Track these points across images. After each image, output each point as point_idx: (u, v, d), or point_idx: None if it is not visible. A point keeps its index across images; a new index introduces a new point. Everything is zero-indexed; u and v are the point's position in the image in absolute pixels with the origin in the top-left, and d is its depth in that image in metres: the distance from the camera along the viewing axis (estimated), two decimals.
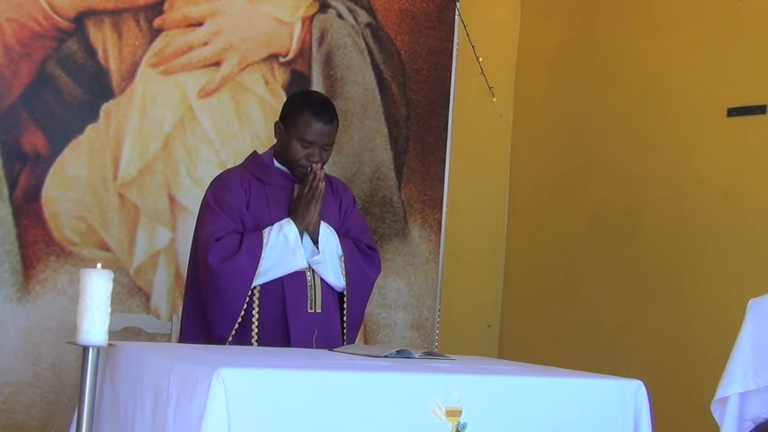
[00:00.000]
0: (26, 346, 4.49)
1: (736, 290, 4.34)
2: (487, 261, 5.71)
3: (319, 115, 3.78)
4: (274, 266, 3.70)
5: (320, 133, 3.78)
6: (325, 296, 3.81)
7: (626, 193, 5.13)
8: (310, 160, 3.78)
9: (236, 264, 3.67)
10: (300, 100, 3.87)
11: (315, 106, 3.80)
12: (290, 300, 3.74)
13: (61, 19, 4.60)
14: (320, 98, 3.93)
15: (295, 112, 3.79)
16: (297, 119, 3.78)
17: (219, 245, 3.69)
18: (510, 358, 4.59)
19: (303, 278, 3.77)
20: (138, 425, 2.92)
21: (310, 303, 3.78)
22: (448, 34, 5.35)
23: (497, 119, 5.56)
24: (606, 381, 3.27)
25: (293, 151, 3.79)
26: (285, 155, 3.82)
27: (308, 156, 3.78)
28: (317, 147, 3.78)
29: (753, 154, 4.64)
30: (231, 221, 3.74)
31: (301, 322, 3.73)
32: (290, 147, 3.79)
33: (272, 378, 2.77)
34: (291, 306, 3.73)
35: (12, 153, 4.50)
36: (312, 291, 3.78)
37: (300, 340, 3.69)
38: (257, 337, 3.72)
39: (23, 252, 4.51)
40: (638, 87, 5.14)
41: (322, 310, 3.79)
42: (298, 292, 3.76)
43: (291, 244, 3.71)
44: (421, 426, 2.89)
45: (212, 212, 3.78)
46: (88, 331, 2.86)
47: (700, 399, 3.61)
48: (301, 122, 3.77)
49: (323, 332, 3.74)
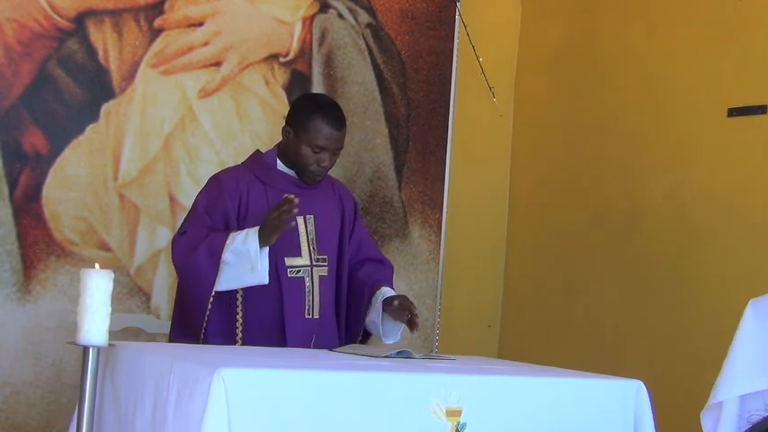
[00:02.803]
0: (26, 346, 4.49)
1: (737, 290, 4.34)
2: (487, 261, 5.71)
3: (331, 121, 3.78)
4: (235, 274, 3.61)
5: (331, 138, 3.78)
6: (323, 302, 3.80)
7: (626, 194, 5.13)
8: (320, 165, 3.78)
9: (196, 259, 3.61)
10: (310, 105, 3.84)
11: (326, 111, 3.79)
12: (288, 305, 3.73)
13: (61, 19, 4.60)
14: (330, 103, 3.92)
15: (305, 118, 3.77)
16: (308, 124, 3.76)
17: (184, 238, 3.66)
18: (510, 358, 4.59)
19: (302, 284, 3.77)
20: (139, 425, 2.92)
21: (308, 309, 3.77)
22: (448, 34, 5.35)
23: (498, 119, 5.56)
24: (607, 381, 3.27)
25: (304, 156, 3.77)
26: (295, 160, 3.80)
27: (319, 161, 3.77)
28: (327, 152, 3.78)
29: (753, 154, 4.64)
30: (210, 223, 3.69)
31: (299, 328, 3.72)
32: (301, 152, 3.77)
33: (272, 378, 2.78)
34: (289, 311, 3.72)
35: (12, 153, 4.50)
36: (310, 296, 3.78)
37: (297, 346, 3.68)
38: (242, 343, 3.70)
39: (24, 252, 4.50)
40: (638, 87, 5.14)
41: (320, 316, 3.79)
42: (296, 297, 3.75)
43: (252, 257, 3.58)
44: (421, 426, 2.90)
45: (195, 214, 3.76)
46: (88, 331, 2.86)
47: (701, 399, 3.60)
48: (312, 128, 3.75)
49: (320, 338, 3.74)
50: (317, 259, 3.82)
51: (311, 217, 3.83)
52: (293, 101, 3.92)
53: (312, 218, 3.83)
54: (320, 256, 3.83)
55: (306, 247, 3.81)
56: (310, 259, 3.80)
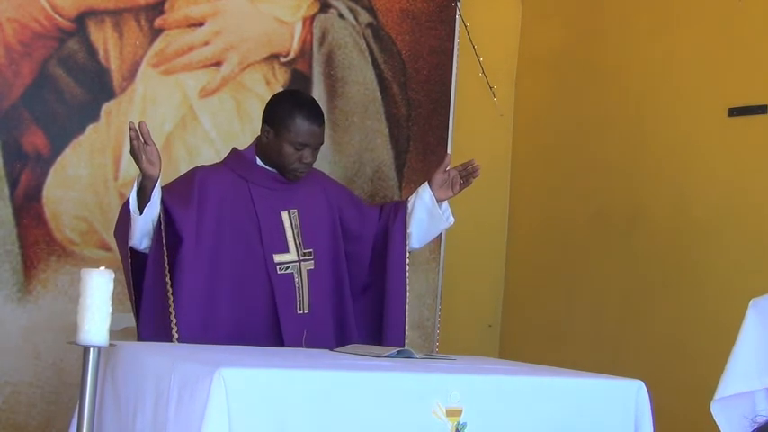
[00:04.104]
0: (27, 345, 4.49)
1: (737, 289, 4.34)
2: (488, 261, 5.71)
3: (311, 117, 3.77)
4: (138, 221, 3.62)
5: (313, 135, 3.77)
6: (313, 297, 3.81)
7: (626, 193, 5.13)
8: (303, 162, 3.78)
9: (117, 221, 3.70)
10: (289, 103, 3.82)
11: (305, 109, 3.79)
12: (280, 302, 3.74)
13: (62, 19, 4.60)
14: (308, 99, 3.92)
15: (286, 116, 3.76)
16: (288, 123, 3.75)
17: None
18: (510, 358, 4.59)
19: (291, 279, 3.77)
20: (139, 424, 2.92)
21: (299, 305, 3.78)
22: (449, 34, 5.35)
23: (498, 119, 5.56)
24: (607, 381, 3.27)
25: (286, 155, 3.77)
26: (277, 158, 3.79)
27: (301, 158, 3.77)
28: (309, 148, 3.78)
29: (753, 154, 4.64)
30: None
31: (291, 324, 3.73)
32: (283, 151, 3.76)
33: (272, 378, 2.78)
34: (282, 308, 3.73)
35: (13, 153, 4.50)
36: (300, 292, 3.79)
37: (292, 342, 3.69)
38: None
39: (24, 252, 4.51)
40: (638, 87, 5.14)
41: (310, 311, 3.79)
42: (286, 293, 3.76)
43: (133, 193, 3.63)
44: (421, 425, 2.90)
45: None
46: (89, 331, 2.86)
47: (701, 398, 3.61)
48: (293, 126, 3.74)
49: (311, 333, 3.74)
50: (304, 253, 3.82)
51: (295, 211, 3.83)
52: (269, 100, 3.91)
53: (296, 212, 3.84)
54: (306, 250, 3.83)
55: (292, 242, 3.81)
56: (297, 254, 3.81)
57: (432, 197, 3.94)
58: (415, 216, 3.95)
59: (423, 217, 3.96)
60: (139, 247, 3.66)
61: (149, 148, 3.61)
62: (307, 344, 3.69)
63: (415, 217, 3.96)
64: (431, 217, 3.96)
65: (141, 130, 3.59)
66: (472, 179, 3.98)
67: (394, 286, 3.90)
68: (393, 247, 3.92)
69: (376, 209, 4.05)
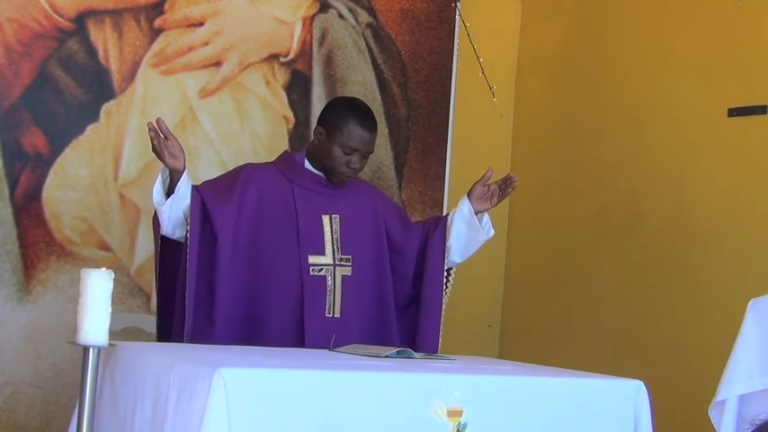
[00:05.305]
0: (27, 345, 4.49)
1: (737, 290, 4.34)
2: (488, 261, 5.70)
3: (364, 123, 3.83)
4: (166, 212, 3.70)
5: (364, 141, 3.83)
6: (345, 302, 3.82)
7: (626, 193, 5.13)
8: (351, 166, 3.82)
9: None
10: (345, 107, 3.90)
11: (360, 114, 3.84)
12: (308, 303, 3.75)
13: (62, 19, 4.60)
14: (364, 106, 3.96)
15: (340, 119, 3.82)
16: (341, 126, 3.81)
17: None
18: (510, 358, 4.59)
19: (323, 282, 3.79)
20: (138, 424, 2.93)
21: (329, 308, 3.79)
22: (448, 34, 5.35)
23: (498, 119, 5.56)
24: (606, 381, 3.28)
25: (335, 157, 3.82)
26: (325, 160, 3.85)
27: (349, 162, 3.82)
28: (358, 154, 3.82)
29: (753, 154, 4.64)
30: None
31: (318, 326, 3.74)
32: (332, 153, 3.81)
33: (272, 378, 2.78)
34: (309, 309, 3.75)
35: (12, 153, 4.50)
36: (332, 295, 3.80)
37: (313, 344, 3.69)
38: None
39: (24, 252, 4.51)
40: (638, 87, 5.14)
41: (341, 315, 3.80)
42: (316, 295, 3.77)
43: (157, 187, 3.71)
44: (422, 426, 2.90)
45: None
46: (89, 331, 2.87)
47: (700, 399, 3.61)
48: (346, 130, 3.80)
49: (340, 338, 3.73)
50: (341, 259, 3.85)
51: (337, 216, 3.88)
52: (327, 103, 3.97)
53: (338, 217, 3.88)
54: (344, 256, 3.86)
55: (330, 246, 3.84)
56: (333, 258, 3.83)
57: (470, 208, 3.98)
58: (455, 228, 4.00)
59: (462, 229, 4.00)
60: (172, 236, 3.73)
61: (170, 142, 3.66)
62: (335, 348, 3.69)
63: (454, 229, 4.00)
64: (470, 228, 3.99)
65: (160, 127, 3.65)
66: (510, 190, 4.01)
67: (429, 296, 3.96)
68: (431, 257, 3.98)
69: (420, 225, 4.10)
